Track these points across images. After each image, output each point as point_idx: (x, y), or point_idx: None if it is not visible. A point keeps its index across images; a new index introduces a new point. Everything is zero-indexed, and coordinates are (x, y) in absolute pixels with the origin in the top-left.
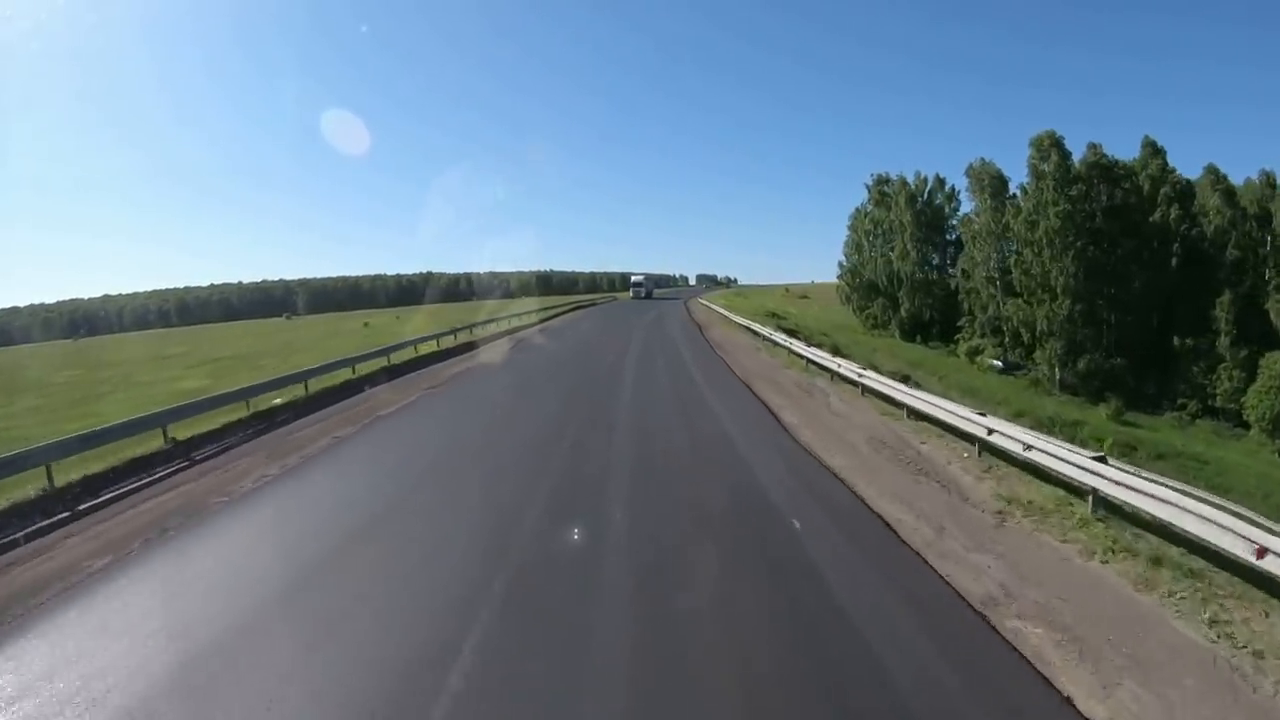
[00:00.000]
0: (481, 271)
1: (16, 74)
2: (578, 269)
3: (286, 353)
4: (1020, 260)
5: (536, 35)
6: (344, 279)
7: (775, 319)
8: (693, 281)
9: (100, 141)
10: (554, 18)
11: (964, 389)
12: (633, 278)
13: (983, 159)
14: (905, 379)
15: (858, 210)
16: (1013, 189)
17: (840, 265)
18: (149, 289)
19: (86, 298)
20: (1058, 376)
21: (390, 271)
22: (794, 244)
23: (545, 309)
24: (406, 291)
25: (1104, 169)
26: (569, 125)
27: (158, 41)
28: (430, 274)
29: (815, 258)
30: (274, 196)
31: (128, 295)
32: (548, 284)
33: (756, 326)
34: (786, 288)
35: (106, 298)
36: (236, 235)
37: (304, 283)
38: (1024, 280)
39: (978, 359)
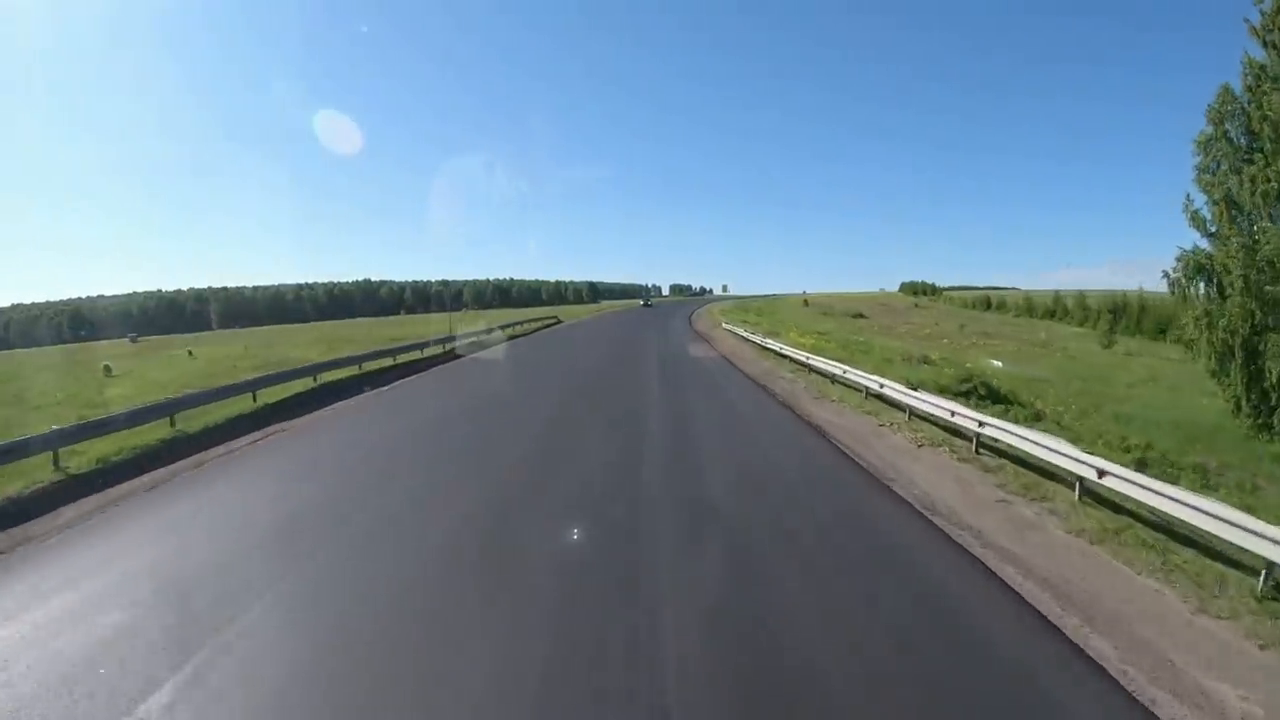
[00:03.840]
0: (433, 280)
1: None
2: (541, 277)
3: None
4: None
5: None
6: (266, 289)
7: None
8: (665, 292)
9: (56, 139)
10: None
11: None
12: None
13: None
14: None
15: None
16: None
17: (1192, 257)
18: (49, 298)
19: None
20: None
21: (325, 280)
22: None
23: (447, 340)
24: (339, 302)
25: None
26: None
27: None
28: (369, 282)
29: (805, 268)
30: (238, 201)
31: (41, 305)
32: (507, 296)
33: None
34: (806, 299)
35: (17, 306)
36: (205, 242)
37: (220, 292)
38: None
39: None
